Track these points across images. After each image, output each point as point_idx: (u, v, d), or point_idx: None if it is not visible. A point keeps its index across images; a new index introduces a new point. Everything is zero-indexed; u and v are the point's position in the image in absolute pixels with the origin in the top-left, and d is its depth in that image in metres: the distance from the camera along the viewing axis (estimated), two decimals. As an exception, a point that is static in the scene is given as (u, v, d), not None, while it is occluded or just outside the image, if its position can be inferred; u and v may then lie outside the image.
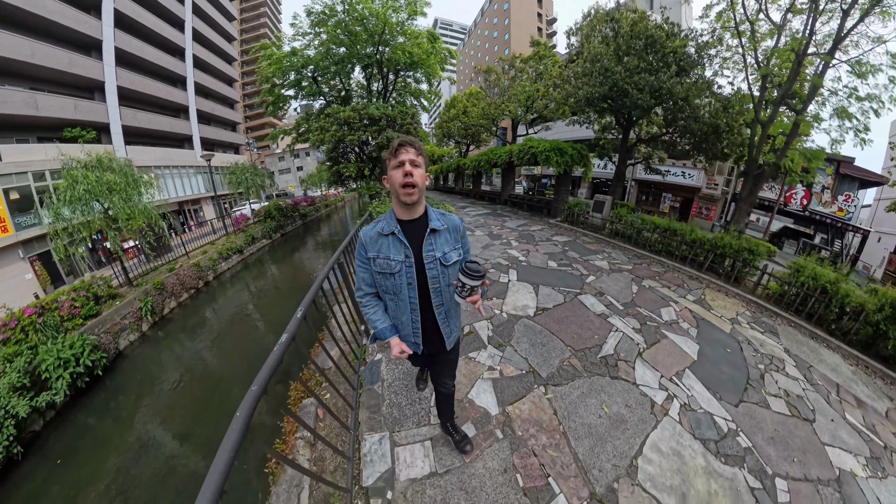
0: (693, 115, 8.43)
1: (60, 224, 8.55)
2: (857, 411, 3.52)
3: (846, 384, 3.97)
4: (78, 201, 8.46)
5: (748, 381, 3.59)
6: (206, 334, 9.18)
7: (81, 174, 8.60)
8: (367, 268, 1.63)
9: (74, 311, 7.27)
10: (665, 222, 7.55)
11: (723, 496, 2.32)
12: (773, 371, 3.85)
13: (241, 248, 15.24)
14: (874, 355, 4.62)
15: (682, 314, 4.88)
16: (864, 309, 4.73)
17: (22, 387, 5.43)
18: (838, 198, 18.47)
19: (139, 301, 8.98)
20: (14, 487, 5.00)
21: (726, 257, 6.39)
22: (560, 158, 10.37)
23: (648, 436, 2.73)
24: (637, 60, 8.40)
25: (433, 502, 2.07)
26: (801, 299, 5.37)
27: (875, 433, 3.24)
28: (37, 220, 14.13)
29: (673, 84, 8.04)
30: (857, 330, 4.78)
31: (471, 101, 23.26)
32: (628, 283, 5.88)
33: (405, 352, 1.62)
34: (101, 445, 5.62)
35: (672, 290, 5.79)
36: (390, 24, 13.55)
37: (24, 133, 15.55)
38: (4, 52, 13.84)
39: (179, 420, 6.13)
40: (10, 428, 4.95)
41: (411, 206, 1.51)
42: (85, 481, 4.99)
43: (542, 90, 16.67)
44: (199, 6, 25.69)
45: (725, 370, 3.70)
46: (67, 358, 6.05)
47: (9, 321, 6.22)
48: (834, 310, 5.04)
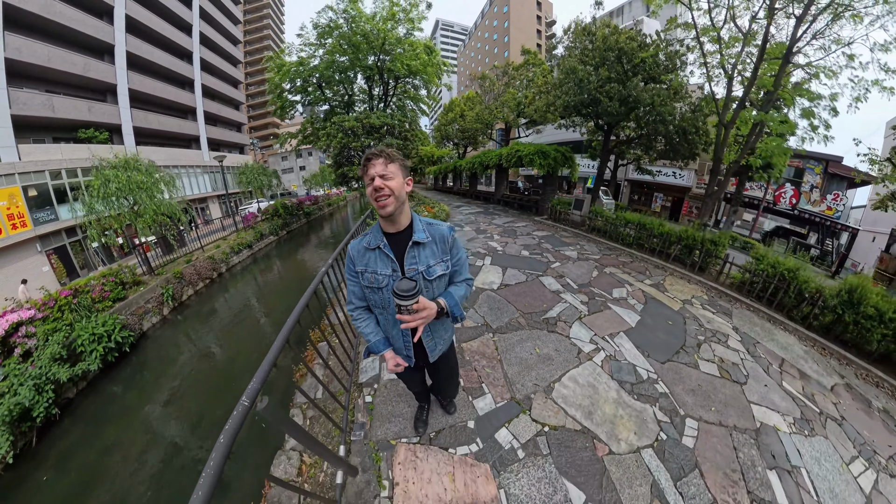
0: (661, 119, 9.18)
1: (94, 216, 9.80)
2: (797, 382, 3.95)
3: (794, 360, 4.40)
4: (111, 197, 9.68)
5: (683, 347, 4.22)
6: (219, 319, 9.95)
7: (113, 174, 9.73)
8: (357, 281, 1.62)
9: (105, 294, 8.02)
10: (636, 217, 8.22)
11: (628, 420, 2.96)
12: (713, 342, 4.44)
13: (251, 244, 16.18)
14: (833, 339, 5.02)
15: (634, 294, 5.55)
16: (822, 294, 5.30)
17: (60, 357, 6.14)
18: (827, 197, 18.99)
19: (161, 288, 9.80)
20: (52, 444, 5.74)
21: (692, 248, 7.03)
22: (543, 161, 11.12)
23: (569, 371, 3.47)
24: (608, 71, 9.24)
25: (402, 389, 3.08)
26: (761, 286, 5.97)
27: (813, 401, 3.63)
28: (53, 216, 14.91)
29: (640, 92, 8.82)
30: (817, 315, 5.22)
31: (467, 105, 24.08)
32: (590, 269, 6.61)
33: (400, 364, 1.64)
34: (127, 412, 6.35)
35: (632, 276, 6.47)
36: (390, 38, 14.42)
37: (41, 133, 16.32)
38: (24, 56, 14.62)
39: (197, 392, 6.85)
40: (49, 392, 5.66)
41: (392, 218, 1.47)
42: (112, 441, 5.70)
43: (530, 97, 17.51)
44: (205, 10, 26.51)
45: (661, 336, 4.34)
46: (101, 334, 6.81)
47: (48, 301, 6.95)
48: (792, 295, 5.61)
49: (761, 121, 7.63)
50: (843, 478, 2.71)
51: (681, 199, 20.36)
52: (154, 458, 5.29)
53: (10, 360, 5.77)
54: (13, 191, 13.85)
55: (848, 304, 4.95)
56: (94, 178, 9.92)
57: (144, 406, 6.47)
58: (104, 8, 17.99)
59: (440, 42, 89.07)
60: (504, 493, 2.26)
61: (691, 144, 9.52)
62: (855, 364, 4.63)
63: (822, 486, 2.59)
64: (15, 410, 5.26)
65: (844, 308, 4.95)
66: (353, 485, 2.26)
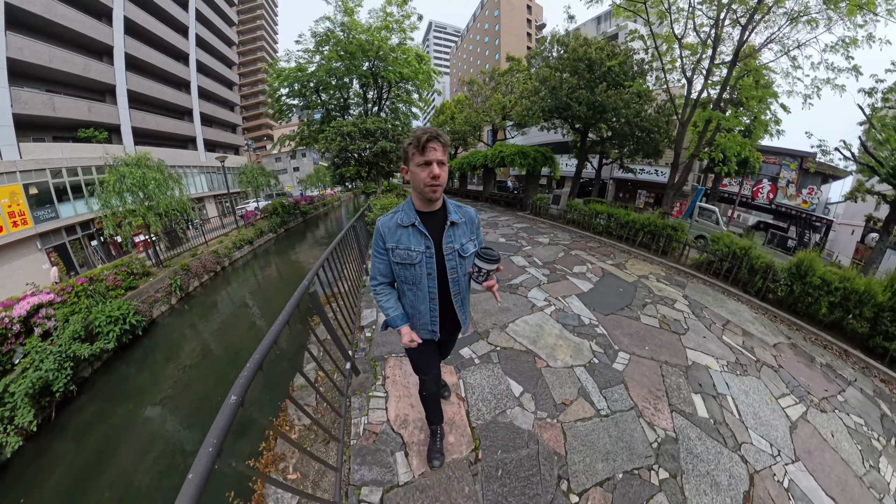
0: (627, 121, 10.13)
1: (109, 210, 10.60)
2: (738, 338, 4.57)
3: (739, 322, 5.04)
4: (127, 192, 10.49)
5: (628, 305, 4.95)
6: (223, 309, 10.58)
7: (128, 171, 10.45)
8: (384, 258, 1.66)
9: (118, 283, 8.55)
10: (605, 208, 9.03)
11: (566, 348, 3.72)
12: (660, 305, 5.14)
13: (252, 240, 16.93)
14: (787, 309, 5.74)
15: (593, 270, 6.32)
16: (772, 269, 6.02)
17: (79, 337, 6.65)
18: (802, 191, 20.02)
19: (169, 279, 10.37)
20: (70, 418, 6.26)
21: (655, 234, 7.78)
22: (523, 160, 11.99)
23: (522, 317, 4.29)
24: (577, 79, 10.17)
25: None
26: (717, 264, 6.71)
27: (751, 352, 4.22)
28: (54, 214, 15.22)
29: (605, 97, 9.73)
30: (771, 289, 5.98)
31: (457, 108, 24.92)
32: (558, 251, 7.45)
33: (415, 340, 1.67)
34: (139, 391, 6.87)
35: (595, 258, 7.27)
36: (384, 47, 15.26)
37: (41, 132, 16.61)
38: (26, 56, 14.95)
39: (203, 372, 7.39)
40: (68, 369, 6.18)
41: (433, 200, 1.54)
42: (125, 416, 6.23)
43: (513, 101, 18.47)
44: (201, 13, 26.89)
45: (610, 299, 5.08)
46: (116, 316, 7.38)
47: (66, 287, 7.44)
48: (745, 270, 6.33)
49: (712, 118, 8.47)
50: (769, 407, 3.32)
51: (662, 195, 21.25)
52: (165, 433, 5.82)
53: (31, 338, 6.29)
54: (14, 188, 14.15)
55: (796, 276, 5.68)
56: (109, 175, 10.62)
57: (156, 385, 7.01)
58: (103, 10, 18.35)
59: (433, 43, 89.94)
60: (462, 382, 3.11)
61: (654, 142, 10.51)
62: (805, 330, 5.34)
63: (746, 409, 3.21)
64: (37, 384, 5.76)
65: (793, 279, 5.69)
66: (357, 381, 3.05)
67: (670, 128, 10.64)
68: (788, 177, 20.80)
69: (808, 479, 2.60)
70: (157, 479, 4.97)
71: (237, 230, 17.97)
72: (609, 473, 2.36)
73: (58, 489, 4.83)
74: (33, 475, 5.07)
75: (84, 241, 16.28)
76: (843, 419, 3.40)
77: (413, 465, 2.25)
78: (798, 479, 2.57)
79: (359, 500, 2.02)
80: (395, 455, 2.30)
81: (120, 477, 5.00)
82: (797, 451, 2.83)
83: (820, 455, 2.86)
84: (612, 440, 2.63)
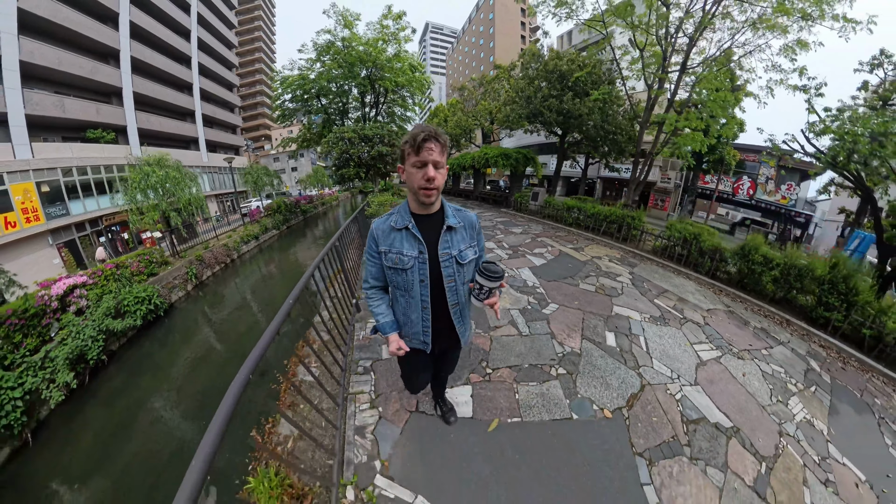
0: (592, 125, 11.30)
1: (134, 205, 11.96)
2: (671, 302, 5.30)
3: (679, 292, 5.79)
4: (152, 189, 11.79)
5: (572, 276, 5.81)
6: (233, 296, 11.61)
7: (151, 170, 11.68)
8: (377, 262, 1.60)
9: (140, 269, 9.49)
10: (574, 203, 10.05)
11: (507, 299, 4.69)
12: (602, 277, 5.98)
13: (258, 236, 18.27)
14: (737, 286, 6.46)
15: (552, 252, 7.24)
16: (719, 250, 6.89)
17: (111, 314, 7.51)
18: (781, 187, 20.98)
19: (185, 268, 11.47)
20: (101, 385, 7.08)
21: (617, 224, 8.74)
22: (505, 161, 13.20)
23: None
24: (548, 89, 11.32)
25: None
26: (671, 248, 7.60)
27: (680, 312, 4.94)
28: (65, 211, 15.93)
29: (571, 105, 10.97)
30: (720, 268, 6.79)
31: (451, 111, 26.02)
32: (526, 238, 8.46)
33: (402, 348, 1.61)
34: (161, 365, 7.70)
35: (558, 243, 8.21)
36: (381, 59, 16.94)
37: (51, 132, 17.29)
38: (37, 59, 15.65)
39: (218, 349, 8.22)
40: (101, 341, 7.00)
41: (427, 204, 1.46)
42: (149, 386, 7.03)
43: (498, 107, 19.69)
44: (203, 16, 27.62)
45: (557, 271, 5.97)
46: (143, 297, 8.30)
47: (97, 271, 8.29)
48: (695, 253, 7.21)
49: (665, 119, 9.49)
50: (681, 349, 4.08)
51: (647, 193, 22.24)
52: (184, 400, 6.64)
53: (67, 314, 7.12)
54: (27, 186, 14.85)
55: (741, 256, 6.52)
56: (133, 173, 11.89)
57: (175, 360, 7.85)
58: (110, 14, 19.07)
59: (430, 44, 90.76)
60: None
61: (618, 143, 11.82)
62: (750, 302, 6.03)
63: (655, 347, 4.02)
64: (76, 351, 6.58)
65: (738, 259, 6.55)
66: (359, 315, 4.00)
67: (634, 130, 11.72)
68: (767, 173, 21.74)
69: (704, 397, 3.31)
70: (181, 431, 5.80)
71: (243, 226, 19.05)
72: (518, 363, 3.37)
73: (93, 439, 5.65)
74: (71, 426, 5.91)
75: (93, 237, 16.99)
76: (760, 366, 4.04)
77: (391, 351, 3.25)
78: (692, 395, 3.32)
79: (358, 365, 3.25)
80: (381, 347, 3.55)
81: (146, 429, 5.83)
82: (698, 380, 3.56)
83: (723, 385, 3.54)
84: (526, 348, 3.63)
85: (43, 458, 5.25)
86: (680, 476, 2.38)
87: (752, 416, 3.18)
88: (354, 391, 2.92)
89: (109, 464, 5.13)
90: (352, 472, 2.17)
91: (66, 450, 5.38)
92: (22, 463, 5.15)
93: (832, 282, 5.42)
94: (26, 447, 5.34)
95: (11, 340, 6.02)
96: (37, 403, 5.75)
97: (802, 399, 3.64)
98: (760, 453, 2.76)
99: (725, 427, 2.94)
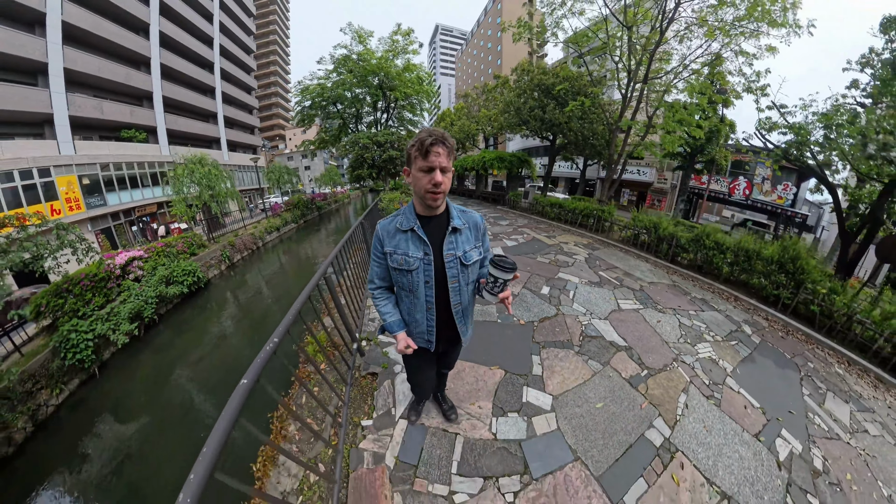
0: (571, 132, 12.66)
1: (182, 195, 14.03)
2: (615, 274, 6.20)
3: (629, 269, 6.72)
4: (196, 183, 13.97)
5: (534, 253, 6.87)
6: (259, 277, 13.80)
7: (196, 167, 13.82)
8: (382, 262, 1.62)
9: (184, 249, 11.49)
10: (556, 200, 11.23)
11: None
12: (560, 255, 7.01)
13: (279, 228, 21.03)
14: (696, 270, 7.12)
15: (526, 237, 8.34)
16: (675, 237, 7.80)
17: (164, 281, 9.19)
18: (777, 187, 21.43)
19: (220, 251, 13.83)
20: (152, 338, 8.53)
21: (591, 217, 9.80)
22: (500, 164, 14.65)
23: None
24: (533, 101, 12.68)
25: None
26: (636, 236, 8.58)
27: (619, 281, 5.88)
28: (102, 202, 17.63)
29: (551, 115, 12.51)
30: (678, 253, 7.57)
31: (457, 115, 27.47)
32: (509, 228, 9.58)
33: (410, 346, 1.64)
34: (201, 326, 9.18)
35: (535, 232, 9.31)
36: (392, 72, 19.08)
37: (89, 132, 19.05)
38: (78, 66, 17.39)
39: (247, 318, 9.68)
40: (153, 304, 8.44)
41: (433, 207, 1.47)
42: (191, 342, 8.42)
43: (494, 115, 21.01)
44: (224, 25, 29.44)
45: (524, 249, 7.08)
46: (189, 270, 10.20)
47: (150, 247, 9.99)
48: (654, 239, 8.15)
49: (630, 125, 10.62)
50: (605, 301, 5.04)
51: (644, 193, 23.01)
52: (220, 353, 8.01)
53: (126, 281, 8.64)
54: (71, 178, 16.54)
55: (695, 242, 7.36)
56: (179, 169, 14.18)
57: (212, 323, 9.35)
58: (142, 25, 20.82)
59: (440, 46, 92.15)
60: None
61: (594, 147, 13.07)
62: (701, 281, 6.73)
63: (580, 297, 5.06)
64: (135, 309, 8.06)
65: (692, 245, 7.43)
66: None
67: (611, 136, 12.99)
68: (764, 173, 22.19)
69: (608, 327, 4.27)
70: (217, 377, 7.11)
71: (266, 219, 21.53)
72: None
73: (145, 377, 7.05)
74: (129, 367, 7.41)
75: (126, 226, 18.68)
76: (680, 320, 4.73)
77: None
78: (597, 324, 4.31)
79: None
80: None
81: (187, 374, 7.18)
82: (609, 319, 4.49)
83: (631, 325, 4.42)
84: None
85: (106, 387, 6.66)
86: (563, 357, 3.51)
87: (649, 344, 4.00)
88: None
89: (157, 395, 6.47)
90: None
91: (124, 384, 6.77)
92: (90, 389, 6.57)
93: (780, 262, 5.81)
94: (93, 378, 6.73)
95: (83, 298, 7.45)
96: (102, 347, 7.18)
97: (715, 347, 4.11)
98: (646, 364, 3.61)
99: (619, 345, 3.94)
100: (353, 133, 21.07)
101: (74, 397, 6.40)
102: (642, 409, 2.92)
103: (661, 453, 2.53)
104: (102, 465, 5.20)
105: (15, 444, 5.52)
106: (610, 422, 2.74)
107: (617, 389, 3.14)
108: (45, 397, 6.15)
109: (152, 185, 20.42)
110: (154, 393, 6.49)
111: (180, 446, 5.30)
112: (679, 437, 2.73)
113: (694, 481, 2.40)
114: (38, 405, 6.03)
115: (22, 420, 5.70)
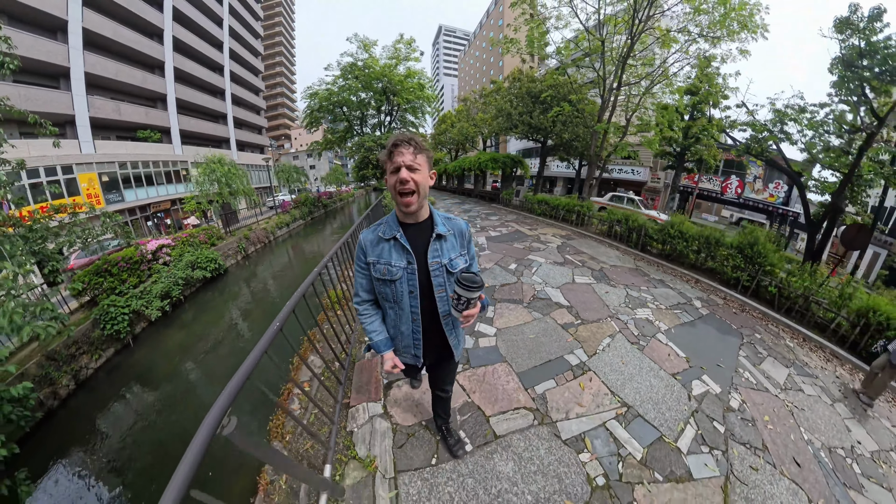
0: (556, 134, 13.67)
1: (202, 191, 15.38)
2: (580, 257, 7.04)
3: (596, 255, 7.52)
4: (217, 181, 15.31)
5: (512, 241, 7.79)
6: (271, 266, 15.25)
7: (216, 166, 15.11)
8: (366, 273, 1.58)
9: (205, 240, 12.93)
10: (542, 197, 12.13)
11: None
12: (535, 243, 7.94)
13: (288, 224, 23.10)
14: (665, 258, 7.72)
15: (509, 229, 9.23)
16: (644, 228, 8.57)
17: (190, 266, 10.62)
18: (769, 186, 21.99)
19: (237, 243, 15.39)
20: (178, 316, 9.63)
21: (573, 212, 10.65)
22: (494, 165, 15.62)
23: None
24: (522, 107, 14.04)
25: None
26: (611, 228, 9.38)
27: (582, 263, 6.68)
28: (120, 198, 18.73)
29: (537, 120, 13.67)
30: (649, 242, 8.23)
31: (457, 118, 28.45)
32: (496, 223, 10.46)
33: (398, 367, 1.59)
34: (220, 307, 10.22)
35: (519, 225, 10.23)
36: (395, 80, 20.25)
37: (107, 132, 20.18)
38: (98, 70, 18.49)
39: (262, 302, 10.76)
40: (180, 286, 9.51)
41: (413, 212, 1.43)
42: (211, 321, 9.42)
43: (488, 119, 22.04)
44: (233, 29, 30.61)
45: (504, 238, 8.00)
46: (211, 258, 11.62)
47: (176, 237, 11.44)
48: (625, 230, 8.92)
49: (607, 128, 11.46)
50: (562, 275, 5.90)
51: (638, 191, 23.71)
52: (236, 333, 9.03)
53: (156, 265, 9.86)
54: (91, 176, 17.67)
55: (660, 232, 8.13)
56: (201, 168, 15.51)
57: (230, 307, 10.51)
58: (156, 30, 21.95)
59: (443, 46, 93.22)
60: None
61: (575, 148, 14.01)
62: (665, 266, 7.33)
63: (541, 273, 5.95)
64: (165, 289, 9.22)
65: (660, 234, 8.18)
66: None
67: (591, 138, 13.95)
68: (755, 172, 22.76)
69: (557, 293, 5.12)
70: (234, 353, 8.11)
71: (276, 216, 23.78)
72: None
73: (172, 349, 8.05)
74: (158, 339, 8.49)
75: (142, 221, 19.78)
76: (628, 292, 5.40)
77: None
78: (549, 291, 5.17)
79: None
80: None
81: (211, 345, 8.16)
82: (561, 288, 5.31)
83: (580, 294, 5.19)
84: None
85: (139, 356, 7.67)
86: (513, 309, 4.45)
87: (590, 307, 4.73)
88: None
89: (181, 363, 7.44)
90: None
91: (153, 353, 7.77)
92: (125, 356, 7.55)
93: (740, 247, 6.27)
94: (127, 348, 7.73)
95: (120, 277, 8.55)
96: (135, 321, 8.18)
97: (656, 312, 4.58)
98: (582, 318, 4.36)
99: (563, 304, 4.81)
100: (358, 135, 22.54)
101: (111, 363, 7.43)
102: (567, 342, 3.78)
103: (574, 369, 3.36)
104: (138, 418, 6.16)
105: (59, 398, 6.50)
106: (537, 346, 3.63)
107: (550, 330, 4.02)
108: (85, 361, 7.13)
109: (166, 182, 21.54)
110: (180, 362, 7.50)
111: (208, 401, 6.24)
112: (595, 363, 3.49)
113: (598, 391, 3.07)
114: (79, 367, 7.01)
115: (66, 378, 6.67)
